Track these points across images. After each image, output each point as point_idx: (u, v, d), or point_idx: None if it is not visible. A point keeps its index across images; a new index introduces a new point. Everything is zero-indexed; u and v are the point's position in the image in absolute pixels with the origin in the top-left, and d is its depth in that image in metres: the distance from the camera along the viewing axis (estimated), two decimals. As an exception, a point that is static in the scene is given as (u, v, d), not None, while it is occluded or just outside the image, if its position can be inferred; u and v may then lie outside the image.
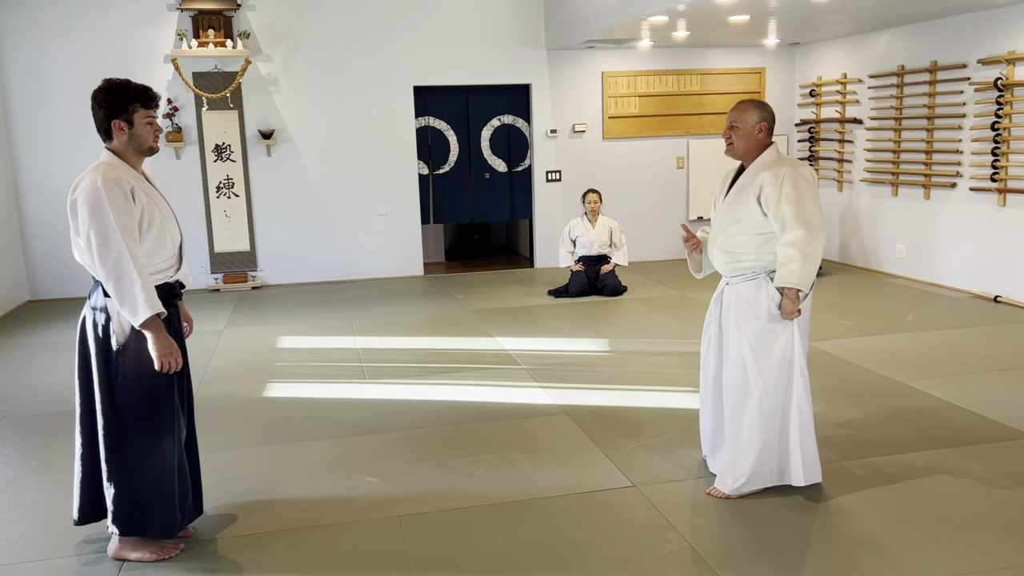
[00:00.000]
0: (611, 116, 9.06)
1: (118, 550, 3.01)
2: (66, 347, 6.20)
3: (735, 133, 3.31)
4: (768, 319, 3.26)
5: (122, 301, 2.75)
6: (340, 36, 8.33)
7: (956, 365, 5.10)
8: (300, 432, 4.24)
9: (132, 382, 2.86)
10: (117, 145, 2.93)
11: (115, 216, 2.75)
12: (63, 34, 7.76)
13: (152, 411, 2.89)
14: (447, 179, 9.00)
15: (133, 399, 2.86)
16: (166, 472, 2.93)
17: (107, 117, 2.90)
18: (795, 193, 3.16)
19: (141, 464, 2.89)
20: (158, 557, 3.00)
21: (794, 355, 3.28)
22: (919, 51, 7.53)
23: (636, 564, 2.90)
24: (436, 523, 3.24)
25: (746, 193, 3.26)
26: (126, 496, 2.91)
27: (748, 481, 3.32)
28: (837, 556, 2.91)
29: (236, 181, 8.29)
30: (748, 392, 3.29)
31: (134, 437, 2.87)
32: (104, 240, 2.73)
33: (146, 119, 2.93)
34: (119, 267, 2.73)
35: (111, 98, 2.88)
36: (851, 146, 8.58)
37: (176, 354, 2.86)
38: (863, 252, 8.53)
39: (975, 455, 3.73)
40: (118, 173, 2.84)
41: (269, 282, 8.54)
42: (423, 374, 5.23)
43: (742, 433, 3.32)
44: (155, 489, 2.92)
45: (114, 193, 2.77)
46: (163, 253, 2.93)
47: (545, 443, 4.02)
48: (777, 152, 3.33)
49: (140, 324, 2.77)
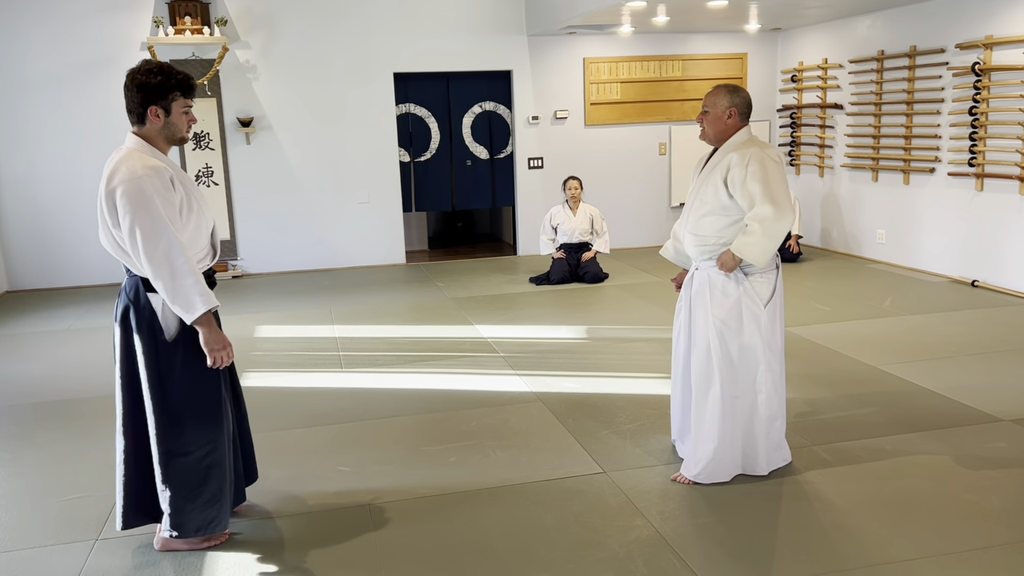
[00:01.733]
0: (593, 103, 9.03)
1: (166, 542, 2.95)
2: (45, 338, 6.17)
3: (706, 118, 3.32)
4: (736, 305, 3.25)
5: (174, 296, 2.63)
6: (319, 22, 8.27)
7: (930, 350, 5.12)
8: (273, 421, 4.23)
9: (184, 380, 2.77)
10: (149, 131, 2.77)
11: (160, 206, 2.61)
12: (38, 20, 7.66)
13: (206, 408, 2.82)
14: (428, 166, 8.96)
15: (186, 397, 2.78)
16: (222, 468, 2.87)
17: (144, 102, 2.73)
18: (762, 172, 3.15)
19: (197, 464, 2.82)
20: (206, 546, 2.97)
21: (762, 345, 3.26)
22: (899, 36, 7.53)
23: (601, 550, 2.91)
24: (405, 511, 3.24)
25: (714, 175, 3.26)
26: (183, 499, 2.82)
27: (707, 467, 3.32)
28: (802, 541, 2.93)
29: (215, 169, 8.23)
30: (712, 378, 3.29)
31: (189, 437, 2.80)
32: (152, 233, 2.59)
33: (184, 108, 2.79)
34: (170, 260, 2.60)
35: (151, 82, 2.71)
36: (832, 131, 8.58)
37: (229, 348, 2.76)
38: (844, 238, 8.55)
39: (944, 439, 3.76)
40: (154, 160, 2.70)
41: (249, 271, 8.50)
42: (400, 362, 5.22)
43: (704, 419, 3.32)
44: (214, 488, 2.86)
45: (155, 182, 2.63)
46: (201, 242, 2.83)
47: (518, 430, 4.03)
48: (748, 135, 3.32)
49: (193, 320, 2.66)
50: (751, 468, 3.40)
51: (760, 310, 3.25)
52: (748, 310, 3.25)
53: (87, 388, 4.91)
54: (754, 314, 3.25)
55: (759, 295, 3.26)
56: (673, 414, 3.65)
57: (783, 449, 3.48)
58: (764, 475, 3.42)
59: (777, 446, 3.43)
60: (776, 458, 3.44)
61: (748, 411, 3.33)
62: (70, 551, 3.02)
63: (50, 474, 3.70)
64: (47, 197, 7.92)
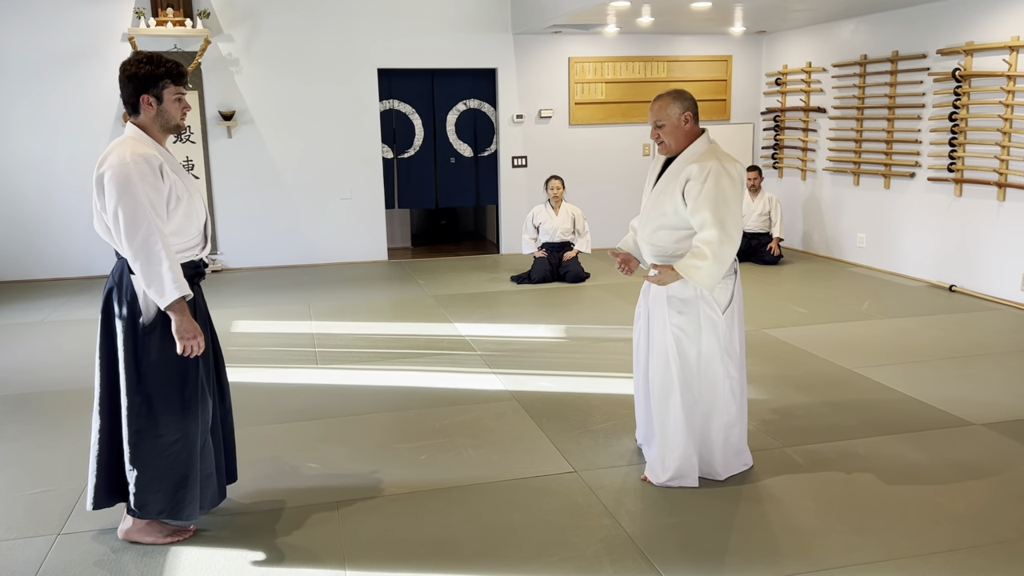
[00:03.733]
0: (577, 102, 9.03)
1: (129, 532, 2.95)
2: (19, 330, 6.10)
3: (663, 131, 3.22)
4: (694, 312, 3.20)
5: (149, 281, 2.67)
6: (303, 17, 8.22)
7: (906, 353, 5.14)
8: (245, 417, 4.19)
9: (159, 363, 2.78)
10: (143, 120, 2.82)
11: (144, 193, 2.66)
12: (17, 10, 7.58)
13: (178, 393, 2.82)
14: (412, 163, 8.93)
15: (160, 381, 2.79)
16: (192, 456, 2.86)
17: (136, 91, 2.78)
18: (716, 190, 3.08)
19: (166, 448, 2.82)
20: (171, 540, 2.95)
21: (720, 351, 3.22)
22: (881, 41, 7.56)
23: (569, 549, 2.90)
24: (373, 509, 3.22)
25: (672, 186, 3.19)
26: (150, 480, 2.83)
27: (675, 476, 3.30)
28: (770, 542, 2.93)
29: (196, 163, 8.18)
30: (671, 386, 3.25)
31: (159, 420, 2.80)
32: (132, 218, 2.64)
33: (175, 95, 2.83)
34: (147, 246, 2.65)
35: (141, 72, 2.76)
36: (815, 135, 8.61)
37: (199, 338, 2.77)
38: (825, 241, 8.58)
39: (916, 442, 3.77)
40: (146, 148, 2.74)
41: (229, 266, 8.45)
42: (376, 359, 5.20)
43: (668, 427, 3.28)
44: (180, 473, 2.85)
45: (143, 169, 2.68)
46: (190, 231, 2.86)
47: (491, 429, 4.01)
48: (708, 142, 3.24)
49: (166, 306, 2.69)
50: (708, 473, 3.36)
51: (718, 316, 3.21)
52: (706, 317, 3.20)
53: (59, 381, 4.86)
54: (712, 320, 3.21)
55: (717, 302, 3.21)
56: (638, 417, 3.64)
57: (743, 454, 3.45)
58: (736, 474, 3.42)
59: (737, 451, 3.40)
60: (735, 463, 3.41)
61: (706, 416, 3.30)
62: (31, 545, 2.98)
63: (16, 468, 3.66)
64: (25, 188, 7.84)
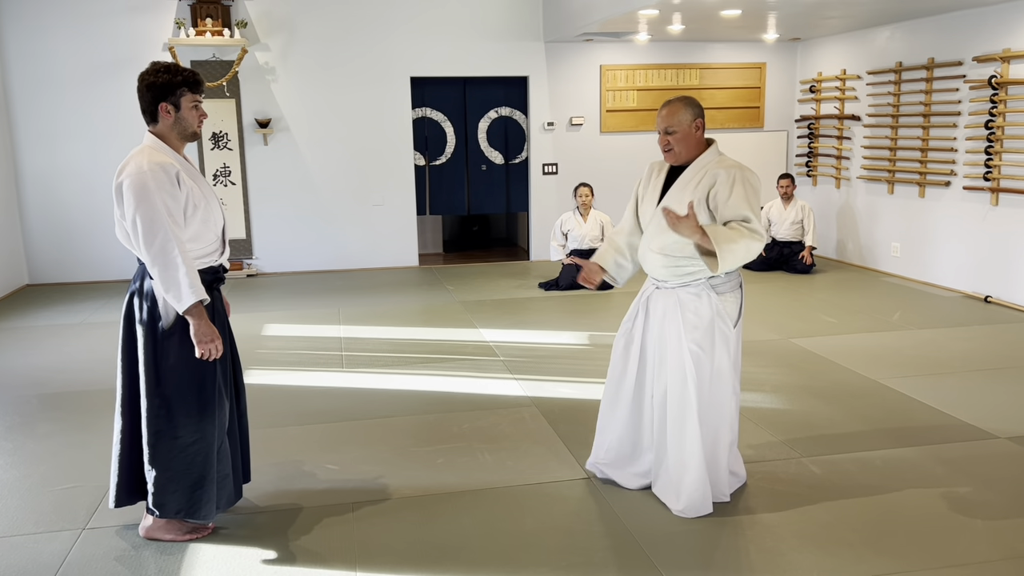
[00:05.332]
0: (609, 110, 9.04)
1: (150, 530, 3.04)
2: (59, 331, 6.29)
3: (674, 138, 3.11)
4: (710, 327, 3.11)
5: (167, 286, 2.76)
6: (338, 26, 8.37)
7: (934, 365, 5.07)
8: (268, 419, 4.28)
9: (178, 366, 2.86)
10: (161, 128, 2.91)
11: (161, 201, 2.75)
12: (64, 20, 7.83)
13: (197, 396, 2.90)
14: (443, 170, 9.02)
15: (178, 383, 2.87)
16: (209, 457, 2.94)
17: (154, 100, 2.88)
18: (749, 192, 3.02)
19: (184, 449, 2.90)
20: (190, 537, 3.04)
21: (730, 367, 3.15)
22: (917, 48, 7.46)
23: (578, 555, 2.92)
24: (387, 511, 3.27)
25: (689, 195, 3.07)
26: (168, 480, 2.91)
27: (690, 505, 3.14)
28: (783, 552, 2.92)
29: (233, 169, 8.35)
30: (689, 407, 3.11)
31: (178, 422, 2.88)
32: (150, 225, 2.73)
33: (192, 103, 2.93)
34: (164, 252, 2.73)
35: (159, 81, 2.86)
36: (849, 143, 8.51)
37: (217, 341, 2.85)
38: (859, 250, 8.47)
39: (937, 455, 3.72)
40: (163, 157, 2.83)
41: (264, 270, 8.61)
42: (401, 364, 5.26)
43: (685, 449, 3.14)
44: (198, 474, 2.93)
45: (160, 177, 2.77)
46: (208, 237, 2.94)
47: (509, 434, 4.05)
48: (718, 153, 3.16)
49: (183, 310, 2.78)
50: (716, 496, 3.24)
51: (730, 330, 3.13)
52: (719, 331, 3.11)
53: (92, 381, 5.00)
54: (724, 335, 3.12)
55: (728, 315, 3.13)
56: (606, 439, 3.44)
57: (739, 475, 3.39)
58: (747, 484, 3.41)
59: (733, 472, 3.32)
60: (734, 482, 3.34)
61: (714, 438, 3.19)
62: (57, 539, 3.08)
63: (48, 464, 3.78)
64: (68, 193, 8.08)
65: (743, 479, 3.43)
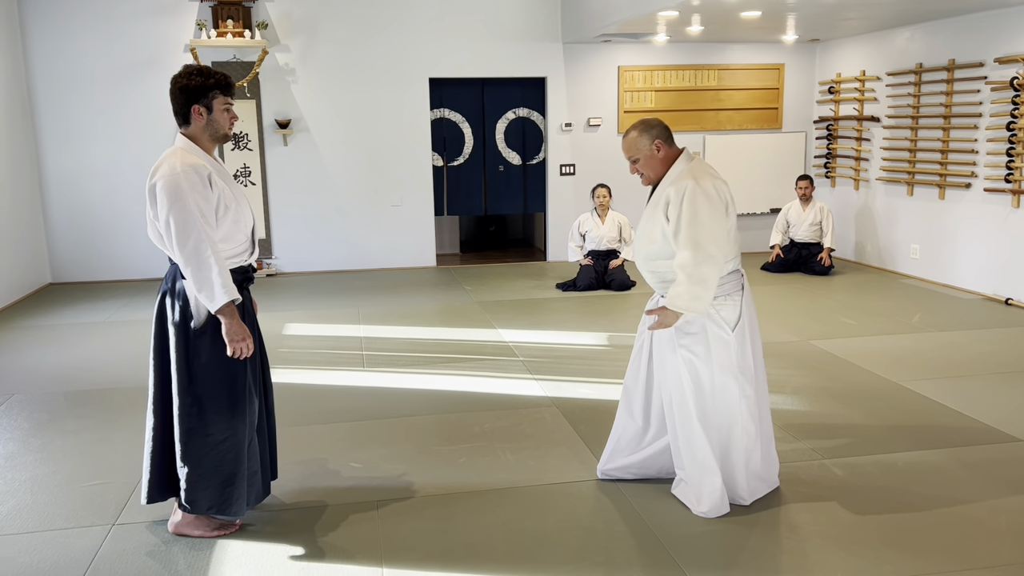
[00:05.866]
0: (627, 110, 9.05)
1: (179, 526, 3.09)
2: (82, 329, 6.37)
3: (639, 165, 3.21)
4: (702, 332, 3.13)
5: (199, 286, 2.80)
6: (357, 28, 8.42)
7: (955, 367, 5.05)
8: (292, 417, 4.32)
9: (209, 365, 2.91)
10: (194, 130, 2.96)
11: (194, 202, 2.79)
12: (87, 22, 7.93)
13: (228, 394, 2.94)
14: (461, 171, 9.06)
15: (210, 382, 2.91)
16: (240, 455, 2.98)
17: (187, 102, 2.92)
18: (690, 212, 3.03)
19: (215, 447, 2.94)
20: (218, 533, 3.08)
21: (735, 372, 3.15)
22: (937, 49, 7.43)
23: (601, 554, 2.94)
24: (411, 509, 3.30)
25: (656, 212, 3.16)
26: (200, 477, 2.96)
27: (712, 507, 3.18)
28: (802, 552, 2.93)
29: (253, 169, 8.42)
30: (690, 413, 3.17)
31: (209, 419, 2.93)
32: (183, 226, 2.78)
33: (224, 106, 2.97)
34: (197, 253, 2.78)
35: (192, 83, 2.91)
36: (868, 144, 8.49)
37: (248, 340, 2.90)
38: (878, 252, 8.45)
39: (959, 457, 3.71)
40: (195, 159, 2.88)
41: (284, 270, 8.67)
42: (421, 363, 5.30)
43: (696, 456, 3.19)
44: (229, 471, 2.97)
45: (193, 179, 2.81)
46: (238, 237, 2.99)
47: (530, 434, 4.07)
48: (686, 162, 3.19)
49: (216, 310, 2.82)
50: (732, 498, 3.26)
51: (728, 335, 3.14)
52: (715, 336, 3.13)
53: (117, 379, 5.07)
54: (722, 340, 3.13)
55: (725, 320, 3.14)
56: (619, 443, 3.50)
57: (767, 481, 3.34)
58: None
59: (758, 476, 3.29)
60: (759, 487, 3.31)
61: (725, 439, 3.21)
62: (88, 534, 3.14)
63: (76, 460, 3.84)
64: (91, 193, 8.17)
65: (775, 485, 3.39)
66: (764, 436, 3.30)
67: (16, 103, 7.70)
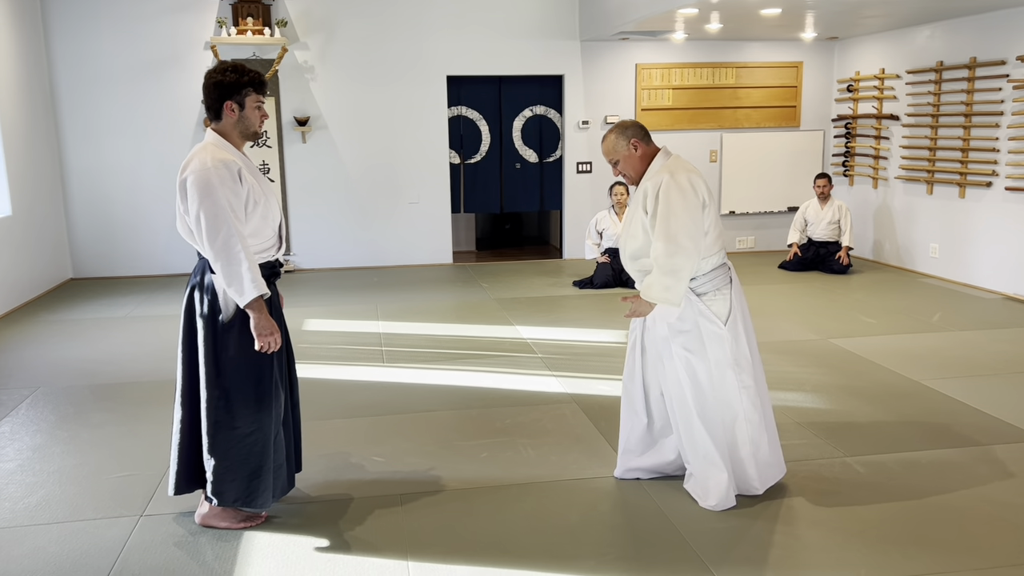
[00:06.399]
0: (644, 108, 9.04)
1: (206, 517, 3.12)
2: (104, 324, 6.43)
3: (620, 166, 3.27)
4: (695, 328, 3.17)
5: (229, 281, 2.83)
6: (376, 25, 8.45)
7: (976, 366, 5.03)
8: (315, 412, 4.36)
9: (237, 359, 2.94)
10: (224, 126, 2.99)
11: (224, 197, 2.82)
12: (109, 19, 7.99)
13: (255, 387, 2.97)
14: (478, 168, 9.08)
15: (237, 376, 2.94)
16: (266, 447, 3.01)
17: (220, 98, 2.95)
18: (665, 205, 3.08)
19: (242, 439, 2.97)
20: (244, 525, 3.12)
21: (733, 365, 3.18)
22: (958, 47, 7.39)
23: (624, 549, 2.96)
24: (435, 502, 3.33)
25: (639, 211, 3.21)
26: (226, 469, 2.99)
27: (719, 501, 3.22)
28: (825, 549, 2.93)
29: (272, 166, 8.47)
30: (690, 409, 3.20)
31: (236, 413, 2.96)
32: (213, 221, 2.80)
33: (256, 103, 3.00)
34: (227, 247, 2.80)
35: (227, 80, 2.93)
36: (887, 143, 8.45)
37: (276, 335, 2.93)
38: (896, 251, 8.41)
39: (981, 456, 3.71)
40: (225, 154, 2.91)
41: (302, 266, 8.72)
42: (440, 359, 5.33)
43: (698, 450, 3.22)
44: (255, 464, 3.00)
45: (223, 174, 2.84)
46: (266, 232, 3.01)
47: (550, 430, 4.09)
48: (663, 159, 3.24)
49: (245, 304, 2.85)
50: (744, 488, 3.31)
51: (720, 328, 3.17)
52: (708, 331, 3.17)
53: (141, 372, 5.12)
54: (716, 335, 3.16)
55: (717, 315, 3.17)
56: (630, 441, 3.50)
57: (776, 467, 3.38)
58: (791, 480, 3.42)
59: (768, 464, 3.32)
60: (769, 476, 3.35)
61: (729, 432, 3.24)
62: (116, 525, 3.18)
63: (102, 452, 3.89)
64: (112, 189, 8.25)
65: (783, 471, 3.42)
66: (768, 423, 3.32)
67: (39, 100, 7.77)
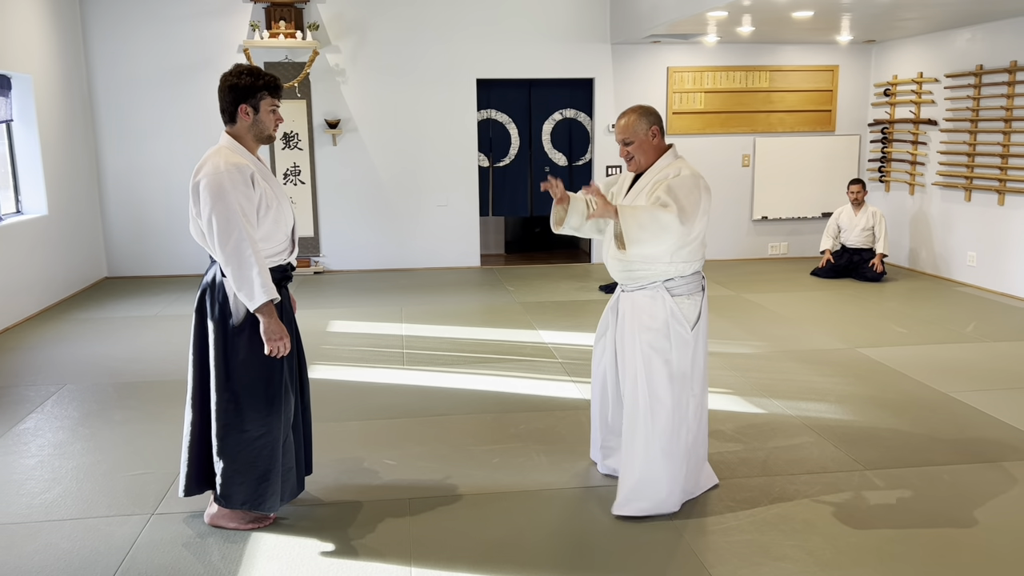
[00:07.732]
0: (675, 112, 8.96)
1: (215, 518, 3.15)
2: (135, 322, 6.54)
3: (632, 148, 3.19)
4: (664, 328, 3.12)
5: (239, 285, 2.84)
6: (406, 29, 8.49)
7: (1010, 379, 4.89)
8: (331, 413, 4.37)
9: (247, 362, 2.95)
10: (239, 129, 3.00)
11: (236, 201, 2.83)
12: (146, 23, 8.14)
13: (264, 391, 2.98)
14: (507, 172, 9.06)
15: (247, 379, 2.96)
16: (275, 451, 3.03)
17: (235, 101, 2.96)
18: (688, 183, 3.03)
19: (251, 443, 2.99)
20: (252, 526, 3.14)
21: (690, 368, 3.16)
22: (999, 50, 7.20)
23: (633, 556, 2.92)
24: (444, 507, 3.31)
25: (641, 197, 3.14)
26: (235, 472, 3.01)
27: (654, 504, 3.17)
28: (839, 563, 2.86)
29: (302, 168, 8.55)
30: (639, 407, 3.15)
31: (246, 416, 2.97)
32: (225, 224, 2.81)
33: (271, 107, 3.01)
34: (239, 251, 2.82)
35: (242, 83, 2.94)
36: (924, 148, 8.26)
37: (286, 339, 2.93)
38: (932, 258, 8.21)
39: (1008, 472, 3.59)
40: (239, 158, 2.92)
41: (331, 268, 8.79)
42: (460, 363, 5.32)
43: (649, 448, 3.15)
44: (264, 467, 3.02)
45: (235, 178, 2.85)
46: (278, 236, 3.03)
47: (565, 436, 4.05)
48: (672, 157, 3.20)
49: (255, 309, 2.86)
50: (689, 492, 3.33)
51: (687, 332, 3.14)
52: (676, 333, 3.13)
53: (166, 372, 5.18)
54: (682, 337, 3.13)
55: (686, 317, 3.14)
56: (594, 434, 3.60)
57: (706, 473, 3.42)
58: (806, 492, 3.35)
59: (693, 479, 3.32)
60: (702, 483, 3.38)
61: (684, 437, 3.21)
62: (128, 522, 3.21)
63: (121, 450, 3.94)
64: (147, 190, 8.39)
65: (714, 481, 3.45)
66: (701, 439, 3.33)
67: (77, 102, 7.94)
